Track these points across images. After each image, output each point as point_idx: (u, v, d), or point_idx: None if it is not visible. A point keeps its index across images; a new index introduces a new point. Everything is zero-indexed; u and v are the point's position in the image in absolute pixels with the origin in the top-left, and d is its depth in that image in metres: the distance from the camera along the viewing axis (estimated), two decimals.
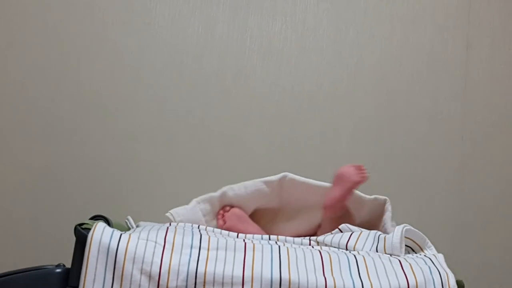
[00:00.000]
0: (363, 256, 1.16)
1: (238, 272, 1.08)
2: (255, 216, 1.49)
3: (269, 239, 1.27)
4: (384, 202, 1.46)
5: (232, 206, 1.43)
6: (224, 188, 1.44)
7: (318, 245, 1.28)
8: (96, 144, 1.85)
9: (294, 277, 1.08)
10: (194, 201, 1.43)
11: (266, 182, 1.46)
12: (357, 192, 1.47)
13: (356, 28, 1.95)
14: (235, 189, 1.45)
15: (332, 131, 1.91)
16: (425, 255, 1.21)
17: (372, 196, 1.46)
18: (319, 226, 1.46)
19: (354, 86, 1.93)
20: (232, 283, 1.07)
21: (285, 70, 1.92)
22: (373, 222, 1.44)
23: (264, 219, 1.49)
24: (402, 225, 1.24)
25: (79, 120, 1.85)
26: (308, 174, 1.47)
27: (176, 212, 1.38)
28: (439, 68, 1.95)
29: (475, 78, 1.95)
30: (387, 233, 1.33)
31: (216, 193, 1.44)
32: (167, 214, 1.38)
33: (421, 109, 1.93)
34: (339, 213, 1.41)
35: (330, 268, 1.12)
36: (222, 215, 1.41)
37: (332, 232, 1.33)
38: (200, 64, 1.90)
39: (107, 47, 1.88)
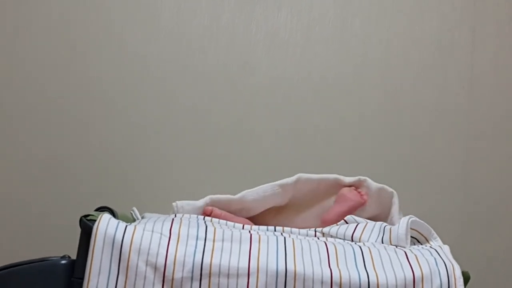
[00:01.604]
0: (368, 248, 1.16)
1: (243, 264, 1.08)
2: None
3: (275, 230, 1.27)
4: (391, 195, 1.46)
5: (212, 209, 1.39)
6: (243, 192, 1.43)
7: (323, 236, 1.29)
8: (102, 135, 1.85)
9: (299, 269, 1.08)
10: (208, 198, 1.42)
11: (282, 186, 1.45)
12: (367, 179, 1.47)
13: (362, 19, 1.94)
14: (254, 194, 1.44)
15: (338, 122, 1.91)
16: (430, 247, 1.21)
17: (380, 185, 1.46)
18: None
19: (361, 77, 1.93)
20: (237, 275, 1.08)
21: (291, 61, 1.92)
22: (380, 215, 1.44)
23: (272, 212, 1.49)
24: (408, 217, 1.24)
25: (85, 112, 1.85)
26: (313, 166, 1.48)
27: (182, 206, 1.37)
28: (446, 59, 1.94)
29: (482, 70, 1.94)
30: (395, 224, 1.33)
31: (235, 197, 1.43)
32: (173, 204, 1.38)
33: (428, 100, 1.93)
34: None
35: (335, 259, 1.12)
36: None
37: (338, 223, 1.33)
38: (206, 55, 1.90)
39: (112, 38, 1.88)
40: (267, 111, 1.90)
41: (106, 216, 1.11)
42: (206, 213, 1.37)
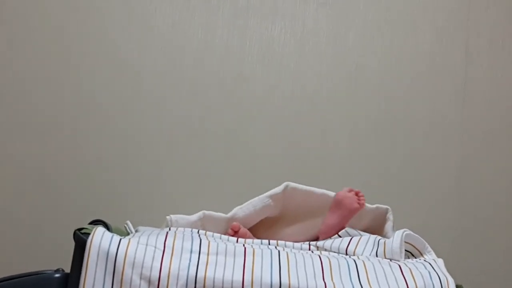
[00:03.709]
0: (363, 261, 1.16)
1: (238, 277, 1.08)
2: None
3: (269, 244, 1.27)
4: (386, 211, 1.46)
5: (239, 227, 1.38)
6: (234, 210, 1.43)
7: (317, 250, 1.29)
8: (96, 147, 1.85)
9: (294, 282, 1.08)
10: (201, 212, 1.41)
11: (271, 196, 1.44)
12: None
13: (355, 32, 1.95)
14: (245, 210, 1.43)
15: (332, 135, 1.91)
16: (425, 260, 1.21)
17: (374, 205, 1.46)
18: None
19: (354, 89, 1.93)
20: None
21: (284, 74, 1.92)
22: (373, 230, 1.44)
23: (263, 225, 1.49)
24: (402, 230, 1.25)
25: (80, 124, 1.85)
26: (308, 178, 1.47)
27: (176, 220, 1.37)
28: (439, 72, 1.95)
29: (475, 81, 1.95)
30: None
31: (227, 215, 1.43)
32: (167, 217, 1.37)
33: (421, 112, 1.93)
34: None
35: (330, 273, 1.12)
36: (233, 235, 1.35)
37: (332, 237, 1.33)
38: (200, 68, 1.90)
39: (107, 50, 1.88)
40: (261, 123, 1.90)
41: (100, 229, 1.11)
42: (233, 230, 1.36)
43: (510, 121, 1.96)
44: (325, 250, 1.28)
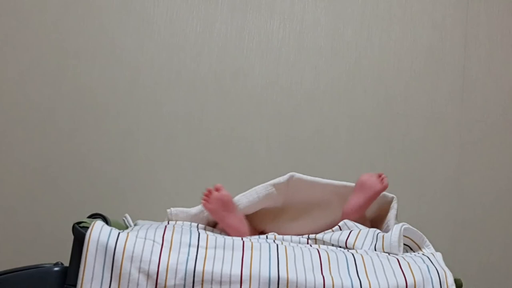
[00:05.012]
0: (361, 255, 1.16)
1: (236, 271, 1.08)
2: (257, 214, 1.48)
3: (267, 237, 1.27)
4: (391, 199, 1.46)
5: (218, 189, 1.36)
6: (237, 197, 1.43)
7: (316, 243, 1.28)
8: (95, 142, 1.85)
9: (292, 276, 1.08)
10: (201, 206, 1.41)
11: (275, 185, 1.44)
12: None
13: (354, 27, 1.95)
14: (248, 196, 1.43)
15: (330, 129, 1.91)
16: (423, 254, 1.21)
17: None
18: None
19: (352, 84, 1.93)
20: (230, 282, 1.07)
21: (283, 68, 1.92)
22: (377, 219, 1.44)
23: (267, 218, 1.48)
24: (401, 224, 1.25)
25: (78, 118, 1.85)
26: (306, 171, 1.47)
27: (176, 214, 1.36)
28: (437, 67, 1.95)
29: (473, 77, 1.95)
30: (389, 230, 1.33)
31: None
32: (168, 210, 1.37)
33: (419, 107, 1.93)
34: (356, 219, 1.40)
35: (328, 266, 1.12)
36: (208, 195, 1.35)
37: (333, 229, 1.33)
38: (199, 62, 1.90)
39: (105, 45, 1.88)
40: (260, 117, 1.90)
41: (98, 223, 1.11)
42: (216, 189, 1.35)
43: (508, 116, 1.96)
44: (324, 242, 1.28)
